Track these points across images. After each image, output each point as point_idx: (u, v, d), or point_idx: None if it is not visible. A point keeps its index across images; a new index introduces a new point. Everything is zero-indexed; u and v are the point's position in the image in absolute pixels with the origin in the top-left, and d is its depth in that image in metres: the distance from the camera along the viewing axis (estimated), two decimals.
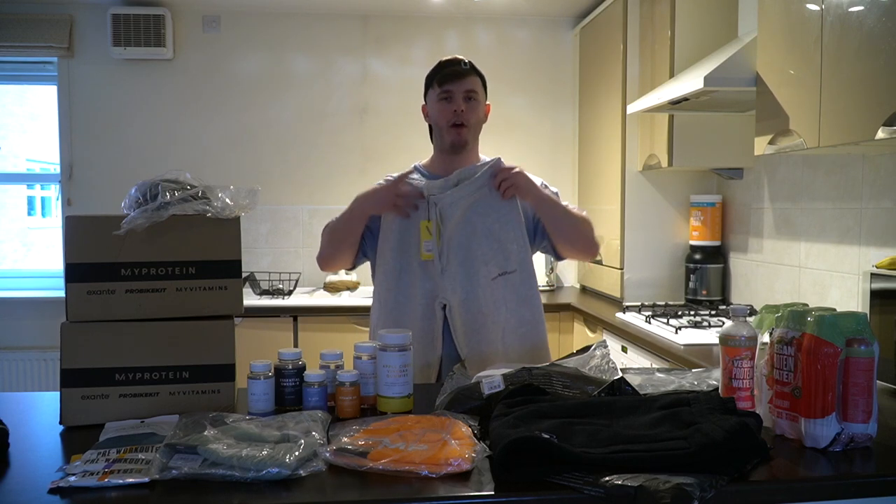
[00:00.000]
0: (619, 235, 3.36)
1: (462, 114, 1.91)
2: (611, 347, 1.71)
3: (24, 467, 1.24)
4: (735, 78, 2.37)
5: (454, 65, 1.93)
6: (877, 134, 1.72)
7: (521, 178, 1.89)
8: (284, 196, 4.03)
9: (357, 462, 1.17)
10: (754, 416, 1.27)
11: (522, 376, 1.45)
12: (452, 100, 1.92)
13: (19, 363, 3.83)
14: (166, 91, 3.95)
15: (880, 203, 2.26)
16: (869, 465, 1.24)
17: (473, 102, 1.93)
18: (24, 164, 8.69)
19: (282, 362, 1.50)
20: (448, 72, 1.92)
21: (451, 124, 1.92)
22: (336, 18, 4.03)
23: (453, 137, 1.94)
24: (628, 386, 1.42)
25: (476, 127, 1.97)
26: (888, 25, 1.72)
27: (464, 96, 1.92)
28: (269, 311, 3.41)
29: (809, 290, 2.60)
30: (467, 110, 1.92)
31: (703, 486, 1.06)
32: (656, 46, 3.13)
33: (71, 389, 1.44)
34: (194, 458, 1.16)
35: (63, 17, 3.82)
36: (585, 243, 1.97)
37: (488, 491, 1.10)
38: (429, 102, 1.99)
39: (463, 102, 1.92)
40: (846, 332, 1.27)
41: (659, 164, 3.09)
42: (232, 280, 1.51)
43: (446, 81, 1.92)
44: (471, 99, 1.93)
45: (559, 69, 4.14)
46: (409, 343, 1.48)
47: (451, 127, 1.93)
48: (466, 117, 1.92)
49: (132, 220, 1.43)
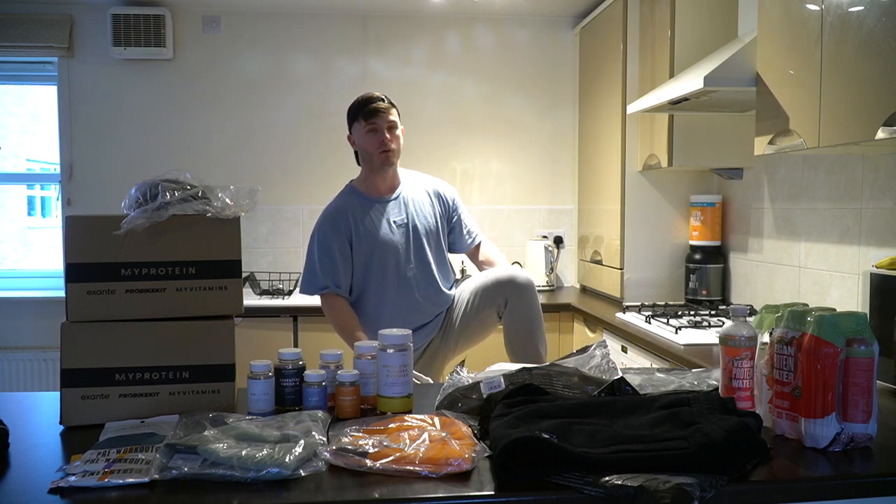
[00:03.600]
0: (619, 235, 3.36)
1: (388, 142, 2.36)
2: (611, 347, 1.71)
3: (24, 467, 1.24)
4: (735, 78, 2.36)
5: (375, 101, 2.35)
6: (877, 134, 1.72)
7: None
8: (284, 196, 4.02)
9: (357, 462, 1.17)
10: (754, 416, 1.27)
11: (522, 376, 1.45)
12: (378, 131, 2.35)
13: (19, 363, 3.83)
14: (166, 91, 3.95)
15: (880, 203, 2.26)
16: (869, 465, 1.24)
17: (395, 132, 2.38)
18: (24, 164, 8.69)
19: (282, 362, 1.50)
20: (372, 108, 2.34)
21: (381, 151, 2.36)
22: (336, 18, 4.03)
23: (382, 161, 2.38)
24: (628, 386, 1.42)
25: (400, 148, 2.42)
26: (888, 25, 1.72)
27: (387, 127, 2.35)
28: (269, 311, 3.41)
29: (809, 290, 2.60)
30: (391, 139, 2.37)
31: (703, 486, 1.06)
32: (656, 46, 3.13)
33: (71, 389, 1.45)
34: (194, 458, 1.16)
35: (63, 17, 3.82)
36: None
37: (488, 491, 1.10)
38: (355, 133, 2.41)
39: (387, 132, 2.35)
40: (846, 332, 1.27)
41: (659, 164, 3.09)
42: (232, 280, 1.51)
43: (371, 116, 2.34)
44: (392, 129, 2.37)
45: (559, 69, 4.13)
46: (410, 343, 1.48)
47: (381, 153, 2.36)
48: (391, 145, 2.37)
49: (132, 220, 1.43)
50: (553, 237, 4.08)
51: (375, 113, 2.34)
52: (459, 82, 4.07)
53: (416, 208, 2.47)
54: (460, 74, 4.06)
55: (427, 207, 2.49)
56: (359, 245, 2.40)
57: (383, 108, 2.34)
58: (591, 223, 3.84)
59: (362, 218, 2.41)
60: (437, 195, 2.54)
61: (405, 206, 2.45)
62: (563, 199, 4.16)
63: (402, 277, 2.42)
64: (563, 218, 4.15)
